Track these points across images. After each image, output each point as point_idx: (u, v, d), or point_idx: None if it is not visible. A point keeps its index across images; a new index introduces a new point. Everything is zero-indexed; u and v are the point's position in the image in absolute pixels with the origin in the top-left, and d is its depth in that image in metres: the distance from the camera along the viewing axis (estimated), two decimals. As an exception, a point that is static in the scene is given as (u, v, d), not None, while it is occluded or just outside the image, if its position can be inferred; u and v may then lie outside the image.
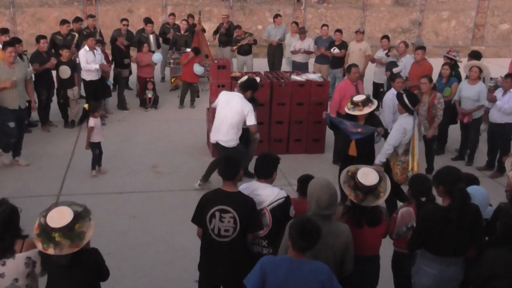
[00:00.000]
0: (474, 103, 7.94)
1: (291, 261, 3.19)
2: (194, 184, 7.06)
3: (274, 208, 4.00)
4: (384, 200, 3.88)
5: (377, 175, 3.86)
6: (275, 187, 4.11)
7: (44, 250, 3.17)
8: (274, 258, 3.31)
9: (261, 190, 4.06)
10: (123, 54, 10.66)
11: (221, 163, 4.05)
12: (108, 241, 5.58)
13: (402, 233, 4.17)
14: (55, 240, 3.14)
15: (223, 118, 6.50)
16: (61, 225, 3.17)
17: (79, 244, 3.18)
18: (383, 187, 3.86)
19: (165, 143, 8.84)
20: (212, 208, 3.87)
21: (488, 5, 19.49)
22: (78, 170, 7.62)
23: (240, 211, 3.83)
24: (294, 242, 3.18)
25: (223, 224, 3.85)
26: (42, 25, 16.70)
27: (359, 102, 6.15)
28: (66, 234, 3.16)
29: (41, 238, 3.18)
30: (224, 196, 3.90)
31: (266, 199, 4.01)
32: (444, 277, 3.85)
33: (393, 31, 18.57)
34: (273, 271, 3.15)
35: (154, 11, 17.47)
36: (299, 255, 3.19)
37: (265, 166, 4.16)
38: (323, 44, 11.35)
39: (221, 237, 3.88)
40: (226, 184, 3.97)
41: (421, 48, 9.14)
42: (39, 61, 8.72)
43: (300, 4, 18.56)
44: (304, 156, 8.43)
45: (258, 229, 3.98)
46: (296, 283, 3.14)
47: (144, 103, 10.73)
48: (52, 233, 3.15)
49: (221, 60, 9.05)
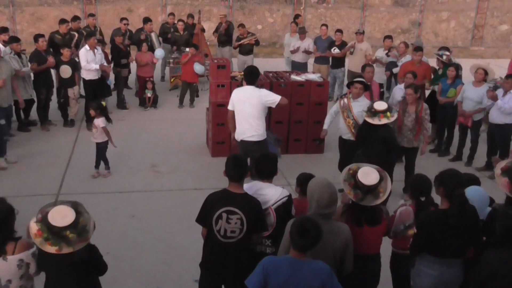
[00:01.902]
0: (477, 105, 7.93)
1: (292, 261, 3.19)
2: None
3: (278, 207, 4.00)
4: (382, 200, 3.87)
5: (378, 175, 3.85)
6: (277, 186, 4.12)
7: (58, 251, 3.17)
8: (275, 258, 3.31)
9: (265, 189, 4.06)
10: (122, 53, 10.65)
11: (229, 164, 3.97)
12: (107, 240, 5.57)
13: (399, 231, 4.17)
14: (68, 238, 3.16)
15: (247, 115, 6.45)
16: (69, 222, 3.19)
17: (87, 237, 3.25)
18: (383, 187, 3.86)
19: (164, 142, 8.83)
20: (219, 209, 3.83)
21: (488, 6, 19.50)
22: (77, 169, 7.61)
23: (248, 212, 3.82)
24: (294, 242, 3.18)
25: (230, 226, 3.83)
26: (41, 24, 16.68)
27: (380, 111, 5.96)
28: (75, 230, 3.20)
29: (51, 241, 3.17)
30: (231, 197, 3.86)
31: (271, 198, 4.01)
32: (444, 278, 3.85)
33: (392, 32, 18.54)
34: (275, 271, 3.15)
35: (154, 11, 17.46)
36: (300, 254, 3.19)
37: (268, 166, 4.16)
38: (322, 44, 11.35)
39: (227, 238, 3.85)
40: (233, 185, 3.92)
41: (420, 49, 9.16)
42: (37, 60, 8.71)
43: (299, 4, 18.56)
44: (304, 156, 8.43)
45: (264, 229, 3.99)
46: (297, 283, 3.14)
47: (143, 102, 10.72)
48: (63, 232, 3.17)
49: (221, 60, 9.04)
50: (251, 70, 6.64)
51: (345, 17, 18.94)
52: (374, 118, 5.99)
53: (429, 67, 9.05)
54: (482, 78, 7.95)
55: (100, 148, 7.34)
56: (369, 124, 6.10)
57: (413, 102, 6.97)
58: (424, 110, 6.97)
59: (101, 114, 7.17)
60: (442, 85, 8.46)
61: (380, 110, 6.00)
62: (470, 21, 19.62)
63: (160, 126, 9.68)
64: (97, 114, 7.15)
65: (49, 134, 9.07)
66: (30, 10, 17.21)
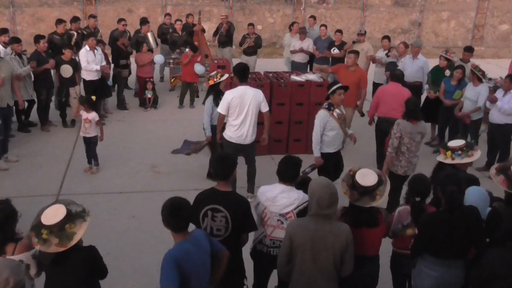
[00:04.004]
0: (474, 104, 7.94)
1: (187, 242, 3.27)
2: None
3: (300, 211, 4.00)
4: (379, 203, 3.87)
5: (376, 178, 3.88)
6: (299, 191, 4.10)
7: (34, 245, 3.24)
8: (177, 249, 3.27)
9: (288, 193, 4.05)
10: (122, 54, 10.65)
11: (215, 163, 4.02)
12: (107, 241, 5.57)
13: (398, 231, 4.18)
14: (41, 236, 3.19)
15: (254, 119, 6.35)
16: (51, 223, 3.21)
17: (66, 245, 3.21)
18: (381, 190, 3.87)
19: (164, 143, 8.83)
20: (205, 207, 3.87)
21: (488, 5, 19.50)
22: (77, 170, 7.61)
23: (232, 210, 3.83)
24: (167, 223, 3.28)
25: (215, 223, 3.86)
26: (41, 25, 16.68)
27: (464, 147, 4.95)
28: (55, 232, 3.20)
29: (33, 232, 3.24)
30: (217, 195, 3.89)
31: (294, 202, 4.01)
32: (445, 279, 3.85)
33: (392, 32, 18.57)
34: (184, 260, 3.21)
35: (154, 11, 17.47)
36: (185, 233, 3.29)
37: (290, 169, 4.12)
38: (322, 44, 11.34)
39: (213, 236, 3.86)
40: (220, 183, 3.96)
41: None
42: (37, 59, 8.70)
43: (299, 4, 18.56)
44: (304, 157, 8.32)
45: (252, 229, 4.00)
46: (200, 256, 3.30)
47: (143, 103, 10.73)
48: (41, 229, 3.20)
49: (221, 60, 9.05)
50: (244, 67, 6.45)
51: (345, 17, 18.94)
52: (463, 156, 4.93)
53: (365, 74, 8.78)
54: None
55: (92, 143, 7.46)
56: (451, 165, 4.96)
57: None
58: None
59: (92, 109, 7.32)
60: (445, 86, 8.45)
61: (462, 146, 5.00)
62: (470, 21, 19.62)
63: (160, 127, 9.68)
64: (86, 108, 7.28)
65: (49, 134, 9.08)
66: (30, 11, 17.21)
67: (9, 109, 7.88)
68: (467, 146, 4.96)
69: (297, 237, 3.54)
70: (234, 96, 6.26)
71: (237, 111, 6.28)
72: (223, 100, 6.36)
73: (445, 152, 4.96)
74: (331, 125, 6.14)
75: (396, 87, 7.55)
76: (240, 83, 6.34)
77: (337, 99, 6.13)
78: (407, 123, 6.02)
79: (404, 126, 6.01)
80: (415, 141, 6.05)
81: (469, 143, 5.07)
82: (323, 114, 6.12)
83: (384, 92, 7.67)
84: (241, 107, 6.26)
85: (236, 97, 6.25)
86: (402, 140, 6.02)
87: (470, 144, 5.07)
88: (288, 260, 3.64)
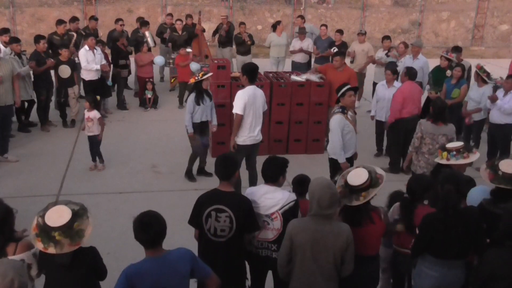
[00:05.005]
0: (477, 105, 7.95)
1: (152, 261, 3.15)
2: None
3: (285, 211, 3.98)
4: (359, 203, 3.78)
5: (366, 179, 3.80)
6: (285, 190, 4.09)
7: (45, 250, 3.17)
8: (136, 265, 3.18)
9: (272, 193, 4.03)
10: (121, 54, 10.64)
11: (218, 163, 4.02)
12: (107, 241, 5.57)
13: (391, 227, 4.18)
14: (55, 239, 3.14)
15: (261, 118, 6.36)
16: (60, 224, 3.17)
17: (79, 242, 3.20)
18: (368, 193, 3.80)
19: (164, 143, 8.84)
20: (208, 208, 3.87)
21: (488, 5, 19.50)
22: (77, 170, 7.61)
23: (236, 210, 3.83)
24: (138, 238, 3.13)
25: (219, 224, 3.85)
26: (41, 25, 16.68)
27: (460, 148, 4.97)
28: (66, 232, 3.17)
29: (40, 238, 3.18)
30: (220, 196, 3.90)
31: (278, 202, 3.99)
32: (445, 279, 3.85)
33: (392, 32, 18.55)
34: (139, 278, 3.08)
35: (154, 11, 17.46)
36: (153, 251, 3.15)
37: (271, 169, 4.12)
38: (322, 44, 11.33)
39: (217, 237, 3.87)
40: (223, 184, 3.97)
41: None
42: (36, 59, 8.69)
43: (299, 4, 18.56)
44: (304, 157, 8.42)
45: (255, 229, 3.98)
46: (167, 278, 3.12)
47: (143, 103, 10.72)
48: (51, 232, 3.15)
49: (221, 60, 9.04)
50: (253, 67, 6.39)
51: (345, 17, 18.94)
52: (458, 157, 4.99)
53: (354, 72, 8.73)
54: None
55: (96, 142, 7.49)
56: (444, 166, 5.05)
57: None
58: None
59: (94, 108, 7.43)
60: (446, 86, 8.46)
61: (459, 147, 5.03)
62: (470, 21, 19.62)
63: (160, 127, 9.68)
64: (90, 107, 7.37)
65: (49, 134, 9.08)
66: (30, 11, 17.21)
67: (9, 109, 7.87)
68: (464, 148, 4.96)
69: (297, 237, 3.54)
70: (249, 95, 6.22)
71: (251, 111, 6.25)
72: (239, 101, 6.18)
73: (442, 153, 5.01)
74: (347, 128, 5.90)
75: (415, 85, 7.72)
76: (249, 83, 6.31)
77: (348, 101, 5.88)
78: (429, 123, 6.05)
79: (425, 126, 6.08)
80: (438, 142, 5.99)
81: (467, 145, 5.08)
82: (339, 118, 5.83)
83: (409, 92, 7.50)
84: (254, 107, 6.26)
85: (251, 97, 6.23)
86: (424, 140, 6.10)
87: (468, 147, 5.07)
88: (289, 260, 3.63)
